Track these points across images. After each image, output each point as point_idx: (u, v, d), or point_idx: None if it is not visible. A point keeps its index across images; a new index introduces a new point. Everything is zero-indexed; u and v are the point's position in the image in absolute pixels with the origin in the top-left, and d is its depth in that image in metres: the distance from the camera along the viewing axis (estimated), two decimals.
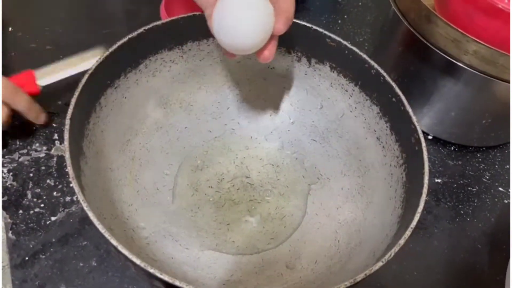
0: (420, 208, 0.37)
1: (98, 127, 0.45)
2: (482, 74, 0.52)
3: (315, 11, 0.79)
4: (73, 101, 0.40)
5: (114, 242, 0.33)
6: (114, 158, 0.47)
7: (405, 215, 0.40)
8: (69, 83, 0.50)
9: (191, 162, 0.53)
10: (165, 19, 0.47)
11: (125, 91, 0.48)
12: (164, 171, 0.52)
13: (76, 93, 0.40)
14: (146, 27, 0.46)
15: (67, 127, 0.38)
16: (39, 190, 0.50)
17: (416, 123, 0.43)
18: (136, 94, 0.49)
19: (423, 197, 0.38)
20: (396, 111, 0.45)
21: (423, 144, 0.42)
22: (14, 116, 0.50)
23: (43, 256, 0.46)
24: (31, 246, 0.47)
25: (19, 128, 0.54)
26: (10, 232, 0.47)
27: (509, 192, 0.60)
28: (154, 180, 0.51)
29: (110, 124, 0.47)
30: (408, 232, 0.36)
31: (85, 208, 0.34)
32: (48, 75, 0.54)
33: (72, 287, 0.45)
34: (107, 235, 0.33)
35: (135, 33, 0.45)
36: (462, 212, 0.57)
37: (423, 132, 0.43)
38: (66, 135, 0.38)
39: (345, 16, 0.79)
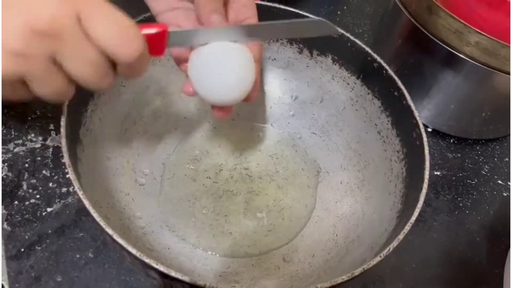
0: (419, 204, 0.37)
1: (96, 115, 0.45)
2: (483, 66, 0.52)
3: (315, 2, 0.78)
4: None
5: (109, 231, 0.32)
6: (112, 147, 0.47)
7: (404, 210, 0.40)
8: None
9: (189, 152, 0.53)
10: None
11: (124, 79, 0.48)
12: (162, 161, 0.51)
13: None
14: (146, 15, 0.45)
15: (64, 113, 0.38)
16: (35, 181, 0.50)
17: (417, 118, 0.43)
18: (135, 82, 0.49)
19: (423, 192, 0.38)
20: (398, 105, 0.45)
21: (425, 139, 0.41)
22: (8, 107, 0.49)
23: (39, 248, 0.46)
24: (26, 237, 0.46)
25: (14, 118, 0.53)
26: (5, 223, 0.47)
27: (508, 185, 0.60)
28: (152, 170, 0.50)
29: (108, 112, 0.46)
30: (407, 227, 0.36)
31: (81, 196, 0.34)
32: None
33: (69, 278, 0.44)
34: (102, 223, 0.33)
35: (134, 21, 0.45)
36: (461, 204, 0.57)
37: (423, 125, 0.42)
38: (63, 122, 0.37)
39: (345, 7, 0.78)
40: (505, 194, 0.59)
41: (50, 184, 0.50)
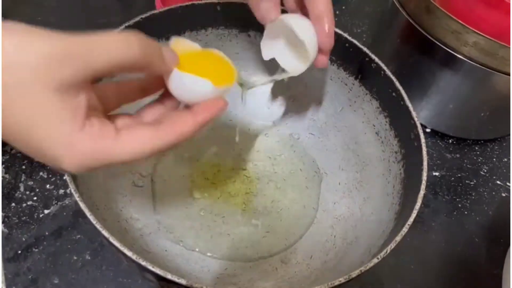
0: (417, 205, 0.37)
1: None
2: (481, 66, 0.52)
3: None
4: None
5: (105, 233, 0.32)
6: None
7: (402, 211, 0.40)
8: None
9: (187, 153, 0.53)
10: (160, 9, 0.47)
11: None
12: (159, 162, 0.51)
13: None
14: (143, 16, 0.45)
15: None
16: (32, 182, 0.50)
17: (415, 119, 0.43)
18: None
19: (421, 194, 0.38)
20: (396, 106, 0.45)
21: (423, 140, 0.41)
22: None
23: (36, 250, 0.46)
24: (23, 239, 0.46)
25: None
26: (3, 225, 0.46)
27: (507, 185, 0.60)
28: (149, 171, 0.50)
29: None
30: (404, 229, 0.35)
31: (77, 198, 0.34)
32: None
33: (66, 281, 0.44)
34: (98, 226, 0.32)
35: (131, 21, 0.44)
36: (459, 205, 0.57)
37: (421, 125, 0.42)
38: None
39: (343, 7, 0.78)
40: (504, 195, 0.59)
41: (47, 186, 0.50)
